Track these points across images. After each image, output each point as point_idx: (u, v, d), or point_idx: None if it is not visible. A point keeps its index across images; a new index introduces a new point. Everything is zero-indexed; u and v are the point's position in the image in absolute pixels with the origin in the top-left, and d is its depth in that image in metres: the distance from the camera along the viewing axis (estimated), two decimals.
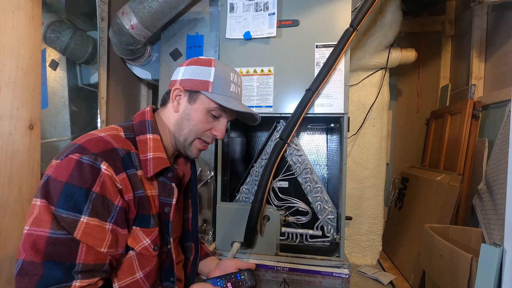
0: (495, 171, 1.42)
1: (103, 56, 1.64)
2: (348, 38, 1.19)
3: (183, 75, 0.69)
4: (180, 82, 0.69)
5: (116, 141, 0.58)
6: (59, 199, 0.48)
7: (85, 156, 0.51)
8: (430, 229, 1.46)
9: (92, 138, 0.56)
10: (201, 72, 0.69)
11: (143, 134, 0.65)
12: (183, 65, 0.71)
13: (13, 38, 0.94)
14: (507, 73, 1.62)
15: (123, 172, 0.56)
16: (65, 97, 1.68)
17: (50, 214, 0.48)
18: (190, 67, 0.70)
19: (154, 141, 0.65)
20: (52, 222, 0.48)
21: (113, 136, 0.59)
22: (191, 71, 0.69)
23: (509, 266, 0.65)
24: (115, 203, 0.54)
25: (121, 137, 0.61)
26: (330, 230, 1.31)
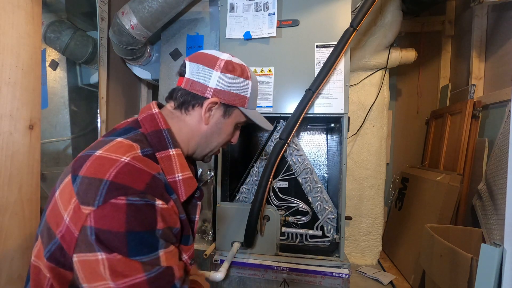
0: (495, 171, 1.42)
1: (103, 56, 1.64)
2: (348, 38, 1.19)
3: (219, 83, 0.61)
4: (214, 92, 0.61)
5: (146, 165, 0.49)
6: (129, 250, 0.44)
7: (132, 197, 0.44)
8: (430, 229, 1.46)
9: (121, 168, 0.46)
10: (240, 86, 0.64)
11: (165, 150, 0.56)
12: (213, 68, 0.61)
13: (13, 38, 0.94)
14: (507, 73, 1.62)
15: (171, 199, 0.52)
16: (65, 97, 1.68)
17: (131, 261, 0.44)
18: (227, 76, 0.62)
19: (178, 157, 0.57)
20: (140, 266, 0.44)
21: (138, 159, 0.50)
22: (229, 82, 0.62)
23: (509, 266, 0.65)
24: (175, 227, 0.52)
25: (144, 159, 0.51)
26: (330, 230, 1.31)
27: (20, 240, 0.97)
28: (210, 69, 0.61)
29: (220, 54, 0.65)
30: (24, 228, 0.98)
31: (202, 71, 0.61)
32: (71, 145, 1.68)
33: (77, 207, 0.44)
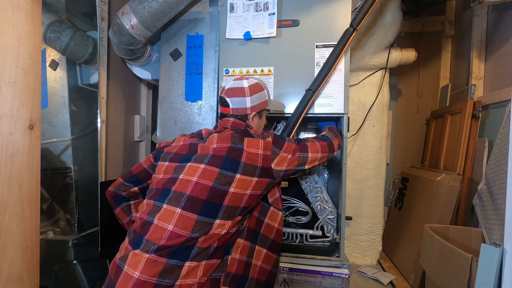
0: (495, 171, 1.42)
1: (103, 56, 1.64)
2: (348, 38, 1.19)
3: (251, 103, 1.00)
4: (251, 109, 1.00)
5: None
6: (283, 139, 0.96)
7: (270, 139, 0.94)
8: (430, 229, 1.46)
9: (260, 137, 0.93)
10: (262, 96, 1.03)
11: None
12: (245, 95, 0.99)
13: (13, 38, 0.94)
14: (507, 73, 1.62)
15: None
16: (65, 97, 1.68)
17: (289, 143, 0.96)
18: (253, 96, 1.00)
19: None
20: (291, 143, 0.96)
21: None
22: (256, 99, 1.01)
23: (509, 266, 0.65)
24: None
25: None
26: (330, 230, 1.31)
27: (20, 240, 0.97)
28: (243, 97, 0.99)
29: (242, 83, 1.00)
30: (24, 228, 0.98)
31: (239, 101, 1.00)
32: (71, 145, 1.68)
33: (264, 141, 0.89)
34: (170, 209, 0.77)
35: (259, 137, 0.89)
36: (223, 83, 1.36)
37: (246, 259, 0.89)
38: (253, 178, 0.83)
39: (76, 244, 1.59)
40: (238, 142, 0.86)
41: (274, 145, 0.90)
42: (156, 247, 0.73)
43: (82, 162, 1.69)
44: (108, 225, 1.58)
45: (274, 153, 0.89)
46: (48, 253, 1.55)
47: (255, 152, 0.85)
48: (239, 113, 1.00)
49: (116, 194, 1.01)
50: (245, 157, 0.83)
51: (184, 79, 1.61)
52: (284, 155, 0.91)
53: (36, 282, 1.03)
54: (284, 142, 0.93)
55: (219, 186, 0.79)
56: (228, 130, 0.93)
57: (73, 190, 1.64)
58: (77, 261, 1.52)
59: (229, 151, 0.83)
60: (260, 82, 1.04)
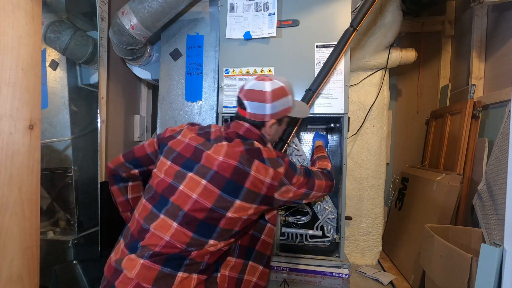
0: (495, 171, 1.42)
1: (103, 56, 1.64)
2: (348, 38, 1.19)
3: (272, 109, 0.91)
4: (271, 116, 0.92)
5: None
6: (295, 171, 0.91)
7: (289, 159, 0.91)
8: (430, 229, 1.46)
9: (276, 152, 0.91)
10: (285, 103, 0.93)
11: (266, 144, 0.93)
12: (267, 101, 0.90)
13: (13, 38, 0.94)
14: (507, 73, 1.62)
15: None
16: (65, 97, 1.68)
17: (299, 176, 0.90)
18: (276, 103, 0.91)
19: (271, 146, 0.97)
20: (302, 176, 0.91)
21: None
22: (278, 105, 0.91)
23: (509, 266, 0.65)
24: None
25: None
26: (330, 230, 1.31)
27: (20, 240, 0.97)
28: (263, 103, 0.90)
29: (264, 86, 0.90)
30: (24, 228, 0.98)
31: (258, 106, 0.90)
32: (71, 145, 1.68)
33: (275, 171, 0.83)
34: (167, 221, 0.77)
35: (271, 165, 0.83)
36: (223, 83, 1.36)
37: (238, 275, 0.87)
38: (253, 205, 0.80)
39: (76, 244, 1.59)
40: (246, 164, 0.80)
41: (285, 177, 0.85)
42: (151, 253, 0.74)
43: (82, 162, 1.69)
44: (108, 225, 1.58)
45: (281, 184, 0.84)
46: (48, 253, 1.55)
47: (262, 179, 0.80)
48: (257, 119, 0.91)
49: (116, 173, 0.99)
50: (249, 182, 0.79)
51: (184, 79, 1.61)
52: (291, 188, 0.87)
53: (36, 282, 1.03)
54: (295, 175, 0.88)
55: (217, 209, 0.77)
56: (239, 143, 0.85)
57: (73, 190, 1.64)
58: (77, 261, 1.52)
59: (234, 173, 0.79)
60: (286, 86, 0.94)
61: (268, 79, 0.92)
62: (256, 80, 0.93)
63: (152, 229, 0.77)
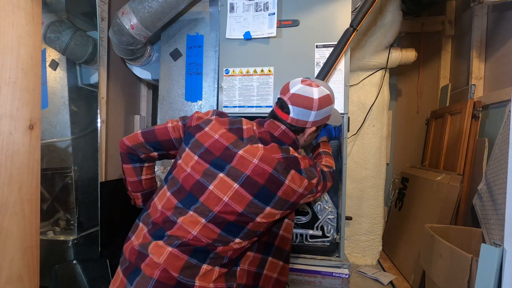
0: (495, 171, 1.42)
1: (103, 56, 1.64)
2: (348, 38, 1.19)
3: (315, 118, 0.90)
4: (313, 124, 0.91)
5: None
6: (324, 179, 0.95)
7: (320, 168, 0.96)
8: (430, 229, 1.46)
9: (313, 161, 0.93)
10: (328, 112, 0.93)
11: (298, 150, 0.94)
12: (313, 109, 0.88)
13: (13, 38, 0.94)
14: (507, 73, 1.62)
15: None
16: (65, 97, 1.68)
17: (322, 180, 0.93)
18: (321, 111, 0.89)
19: (302, 151, 1.07)
20: (327, 182, 0.97)
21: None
22: (322, 113, 0.90)
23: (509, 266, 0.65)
24: None
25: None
26: (330, 230, 1.31)
27: (20, 240, 0.97)
28: (309, 110, 0.88)
29: (312, 92, 0.88)
30: (24, 228, 0.98)
31: (303, 112, 0.88)
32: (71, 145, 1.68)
33: (309, 183, 0.85)
34: (196, 218, 0.78)
35: (307, 176, 0.84)
36: (223, 83, 1.36)
37: (256, 269, 0.89)
38: (280, 211, 0.83)
39: (76, 244, 1.59)
40: (282, 173, 0.80)
41: (315, 187, 0.88)
42: (180, 242, 0.75)
43: (82, 162, 1.69)
44: (108, 225, 1.58)
45: (310, 192, 0.88)
46: (48, 253, 1.55)
47: (295, 189, 0.82)
48: (298, 124, 0.90)
49: (134, 152, 0.94)
50: (282, 191, 0.80)
51: (184, 79, 1.61)
52: (315, 194, 0.92)
53: (36, 282, 1.03)
54: (321, 182, 0.92)
55: (248, 214, 0.78)
56: (276, 148, 0.84)
57: (73, 190, 1.64)
58: (77, 261, 1.52)
59: (269, 180, 0.79)
60: (331, 93, 0.93)
61: (315, 85, 0.90)
62: (303, 85, 0.89)
63: (180, 222, 0.77)
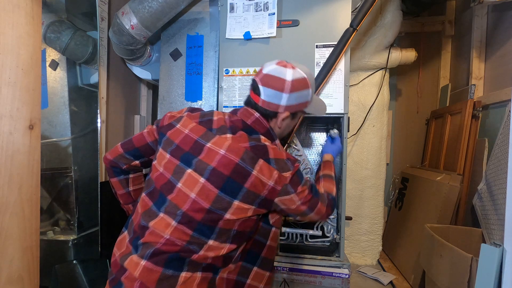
0: (495, 171, 1.42)
1: (103, 56, 1.64)
2: (348, 38, 1.19)
3: (288, 101, 0.82)
4: (285, 108, 0.83)
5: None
6: (301, 181, 0.81)
7: (298, 165, 0.82)
8: (430, 229, 1.46)
9: (284, 152, 0.82)
10: (303, 96, 0.84)
11: (274, 141, 0.84)
12: (285, 91, 0.81)
13: (13, 38, 0.94)
14: (507, 73, 1.62)
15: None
16: (65, 97, 1.68)
17: (303, 187, 0.80)
18: (294, 94, 0.82)
19: (279, 144, 0.87)
20: (306, 188, 0.81)
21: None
22: (295, 98, 0.83)
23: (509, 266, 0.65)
24: None
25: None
26: (330, 230, 1.31)
27: (20, 240, 0.97)
28: (281, 92, 0.81)
29: (285, 74, 0.81)
30: (24, 228, 0.98)
31: (274, 94, 0.82)
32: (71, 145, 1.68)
33: (280, 175, 0.76)
34: (166, 220, 0.75)
35: (277, 167, 0.76)
36: (223, 83, 1.36)
37: (237, 277, 0.83)
38: (252, 206, 0.75)
39: (76, 244, 1.59)
40: (249, 163, 0.74)
41: (290, 184, 0.78)
42: (152, 251, 0.72)
43: (82, 162, 1.69)
44: (108, 225, 1.58)
45: (285, 191, 0.77)
46: (48, 253, 1.55)
47: (265, 181, 0.75)
48: (270, 108, 0.83)
49: (115, 165, 0.92)
50: (250, 183, 0.74)
51: (184, 79, 1.61)
52: (295, 198, 0.79)
53: (36, 282, 1.03)
54: (299, 184, 0.79)
55: (215, 210, 0.73)
56: (244, 137, 0.79)
57: (73, 190, 1.64)
58: (77, 261, 1.52)
59: (234, 171, 0.73)
60: (308, 77, 0.84)
61: (291, 66, 0.83)
62: (277, 65, 0.83)
63: (152, 226, 0.75)
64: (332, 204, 0.91)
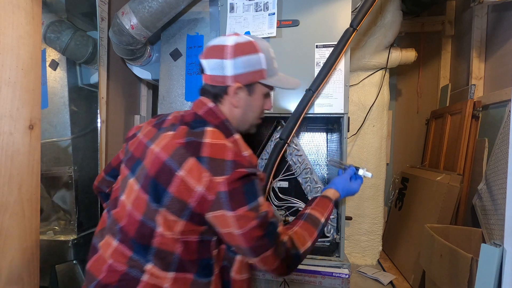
0: (495, 171, 1.42)
1: (103, 56, 1.64)
2: (348, 38, 1.18)
3: (234, 69, 0.68)
4: (234, 79, 0.69)
5: (240, 149, 0.65)
6: (248, 200, 0.59)
7: (248, 169, 0.60)
8: (430, 229, 1.46)
9: (232, 151, 0.61)
10: (253, 62, 0.69)
11: (231, 136, 0.67)
12: (226, 57, 0.67)
13: (13, 38, 0.94)
14: (507, 73, 1.62)
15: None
16: (65, 97, 1.68)
17: (247, 212, 0.59)
18: (238, 59, 0.68)
19: (240, 140, 0.68)
20: (253, 215, 0.59)
21: (233, 144, 0.65)
22: (242, 64, 0.68)
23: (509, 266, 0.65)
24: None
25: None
26: (330, 230, 1.31)
27: (20, 240, 0.97)
28: (221, 59, 0.68)
29: (226, 40, 0.69)
30: (24, 228, 0.98)
31: (216, 64, 0.69)
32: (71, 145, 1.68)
33: (211, 179, 0.57)
34: (109, 240, 0.65)
35: (209, 168, 0.58)
36: None
37: None
38: (179, 219, 0.59)
39: (76, 244, 1.59)
40: (176, 161, 0.59)
41: (226, 195, 0.57)
42: (96, 283, 0.62)
43: (82, 162, 1.69)
44: None
45: (217, 205, 0.58)
46: (48, 253, 1.55)
47: (191, 185, 0.57)
48: (217, 83, 0.69)
49: (101, 190, 0.86)
50: (175, 186, 0.58)
51: (184, 79, 1.61)
52: (229, 220, 0.58)
53: (36, 282, 1.03)
54: (243, 205, 0.58)
55: (147, 221, 0.60)
56: (183, 131, 0.64)
57: (73, 190, 1.64)
58: (77, 261, 1.52)
59: (159, 171, 0.60)
60: (256, 42, 0.70)
61: (236, 35, 0.71)
62: (220, 37, 0.72)
63: (100, 248, 0.66)
64: (293, 262, 0.65)
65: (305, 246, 0.69)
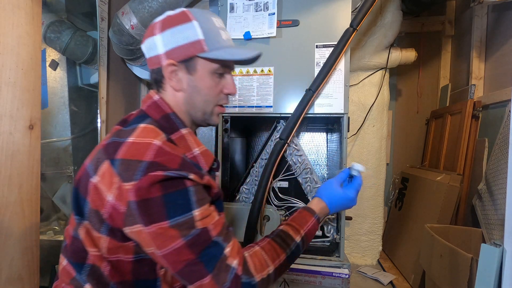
0: (495, 171, 1.42)
1: (103, 56, 1.64)
2: (348, 38, 1.18)
3: (165, 45, 0.58)
4: (166, 56, 0.58)
5: (173, 149, 0.53)
6: (168, 213, 0.48)
7: (169, 172, 0.48)
8: (430, 229, 1.46)
9: (156, 151, 0.50)
10: (184, 33, 0.57)
11: (177, 131, 0.59)
12: (154, 33, 0.58)
13: (13, 38, 0.94)
14: (507, 73, 1.62)
15: (203, 174, 0.55)
16: (65, 97, 1.68)
17: (169, 229, 0.47)
18: (167, 32, 0.57)
19: (190, 134, 0.60)
20: (177, 233, 0.48)
21: (166, 143, 0.53)
22: (171, 37, 0.57)
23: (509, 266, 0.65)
24: (212, 189, 0.58)
25: (169, 143, 0.54)
26: (330, 230, 1.31)
27: (20, 240, 0.97)
28: (151, 36, 0.59)
29: (160, 17, 0.61)
30: (24, 228, 0.98)
31: (148, 44, 0.60)
32: (71, 145, 1.68)
33: (121, 186, 0.48)
34: (61, 259, 0.59)
35: (119, 172, 0.48)
36: None
37: None
38: (99, 234, 0.51)
39: None
40: (93, 166, 0.52)
41: (135, 205, 0.47)
42: None
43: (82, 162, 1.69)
44: None
45: (130, 215, 0.48)
46: (48, 253, 1.55)
47: (103, 194, 0.49)
48: (154, 65, 0.61)
49: None
50: (90, 194, 0.51)
51: None
52: (145, 237, 0.48)
53: (36, 282, 1.03)
54: (162, 219, 0.47)
55: (76, 236, 0.54)
56: (114, 130, 0.58)
57: None
58: None
59: (80, 179, 0.54)
60: (189, 11, 0.59)
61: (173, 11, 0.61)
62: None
63: (57, 269, 0.61)
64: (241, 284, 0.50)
65: (264, 273, 0.53)
